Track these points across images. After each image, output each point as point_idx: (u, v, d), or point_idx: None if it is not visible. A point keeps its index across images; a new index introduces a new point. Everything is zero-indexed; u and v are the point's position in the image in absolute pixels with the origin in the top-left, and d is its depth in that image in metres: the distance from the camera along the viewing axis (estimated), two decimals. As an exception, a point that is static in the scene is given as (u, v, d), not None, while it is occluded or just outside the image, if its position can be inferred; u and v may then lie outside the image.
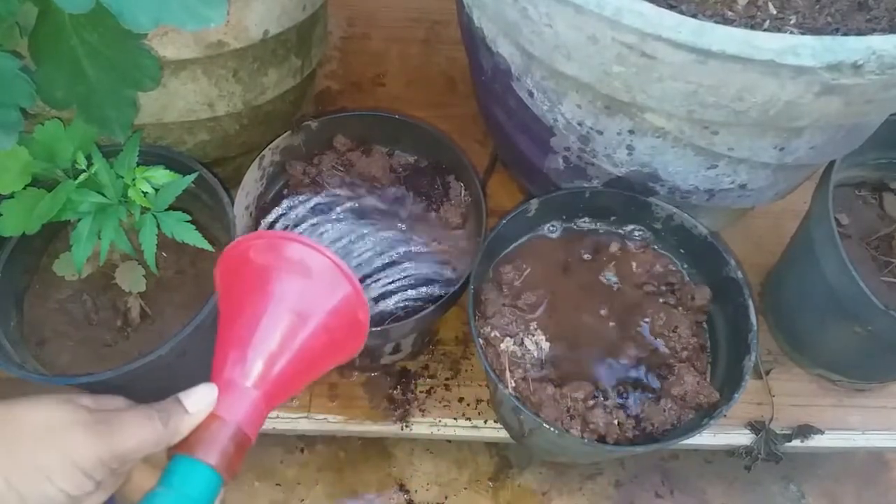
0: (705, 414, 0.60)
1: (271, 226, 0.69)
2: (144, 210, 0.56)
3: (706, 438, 0.74)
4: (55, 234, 0.67)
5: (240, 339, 0.43)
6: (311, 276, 0.44)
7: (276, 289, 0.43)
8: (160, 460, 0.40)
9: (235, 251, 0.45)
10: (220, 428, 0.40)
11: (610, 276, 0.67)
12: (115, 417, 0.39)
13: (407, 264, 0.66)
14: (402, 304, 0.64)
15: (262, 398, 0.41)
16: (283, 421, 0.74)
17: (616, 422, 0.59)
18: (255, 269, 0.44)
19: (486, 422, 0.74)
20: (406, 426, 0.74)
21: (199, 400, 0.40)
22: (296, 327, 0.43)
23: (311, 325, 0.43)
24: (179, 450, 0.40)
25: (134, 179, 0.56)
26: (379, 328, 0.62)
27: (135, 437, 0.38)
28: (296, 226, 0.68)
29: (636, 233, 0.69)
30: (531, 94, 0.60)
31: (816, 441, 0.74)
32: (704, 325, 0.66)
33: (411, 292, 0.65)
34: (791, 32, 0.49)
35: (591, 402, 0.59)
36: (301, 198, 0.70)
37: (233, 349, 0.42)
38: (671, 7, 0.47)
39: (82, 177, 0.54)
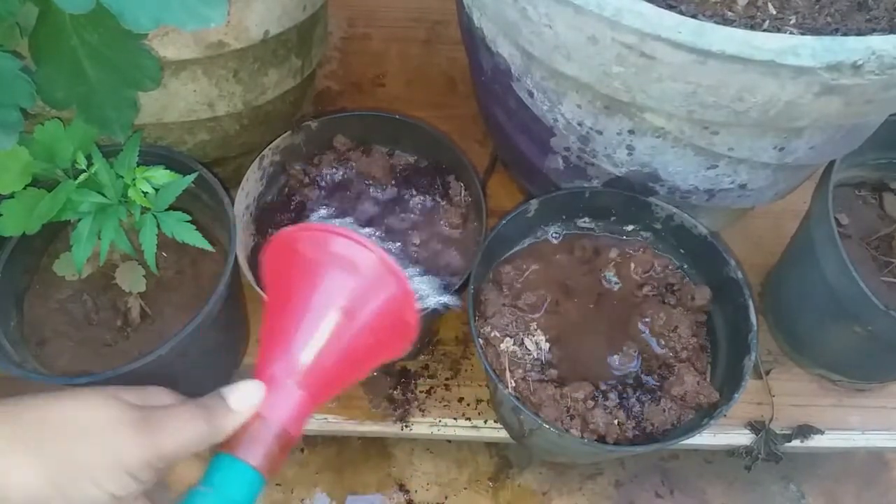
0: (705, 414, 0.60)
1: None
2: (144, 210, 0.57)
3: (706, 438, 0.74)
4: (55, 234, 0.67)
5: (285, 335, 0.41)
6: (360, 274, 0.42)
7: (324, 285, 0.42)
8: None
9: (282, 242, 0.44)
10: (264, 427, 0.39)
11: (610, 276, 0.67)
12: (160, 415, 0.38)
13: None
14: None
15: (306, 397, 0.40)
16: (283, 421, 0.74)
17: (616, 422, 0.59)
18: (302, 263, 0.43)
19: (486, 422, 0.74)
20: (406, 426, 0.74)
21: (243, 398, 0.39)
22: (343, 326, 0.41)
23: (358, 324, 0.42)
24: (222, 448, 0.38)
25: (134, 179, 0.56)
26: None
27: (181, 437, 0.37)
28: None
29: (636, 233, 0.69)
30: (531, 95, 0.60)
31: (816, 441, 0.74)
32: (704, 325, 0.66)
33: None
34: (791, 33, 0.49)
35: (591, 402, 0.59)
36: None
37: (278, 346, 0.41)
38: (671, 7, 0.47)
39: (82, 177, 0.54)
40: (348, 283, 0.42)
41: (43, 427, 0.36)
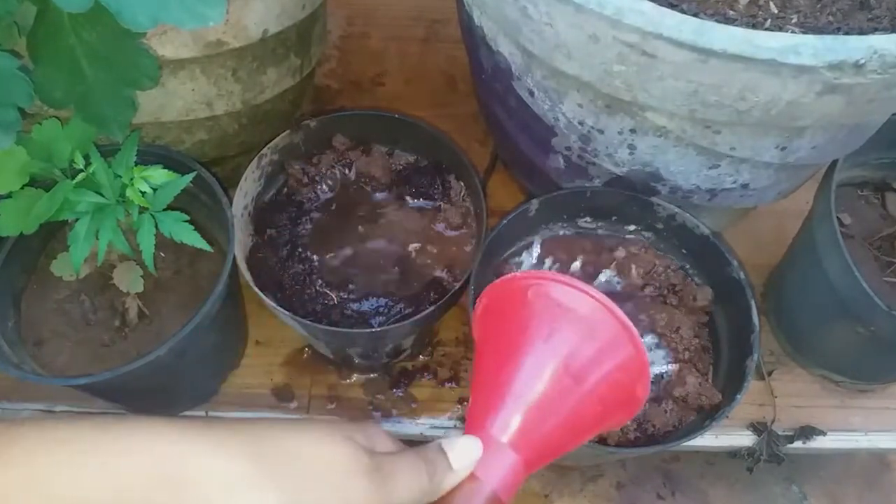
0: (707, 415, 0.59)
1: None
2: (142, 210, 0.56)
3: (708, 440, 0.74)
4: (53, 234, 0.67)
5: (503, 391, 0.38)
6: (597, 336, 0.39)
7: (554, 342, 0.38)
8: None
9: (508, 287, 0.40)
10: (476, 490, 0.36)
11: (611, 277, 0.67)
12: (389, 465, 0.36)
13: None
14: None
15: (520, 463, 0.37)
16: (282, 422, 0.74)
17: (617, 423, 0.59)
18: (531, 314, 0.39)
19: (486, 423, 0.74)
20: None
21: (463, 455, 0.37)
22: (568, 388, 0.38)
23: (584, 389, 0.38)
24: None
25: (132, 179, 0.55)
26: (378, 329, 0.62)
27: (407, 492, 0.35)
28: None
29: (638, 233, 0.69)
30: (532, 94, 0.60)
31: (819, 442, 0.74)
32: (706, 325, 0.66)
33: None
34: (792, 31, 0.49)
35: (591, 404, 0.58)
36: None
37: (494, 400, 0.38)
38: (672, 6, 0.47)
39: (80, 176, 0.54)
40: (582, 344, 0.39)
41: (288, 462, 0.34)
